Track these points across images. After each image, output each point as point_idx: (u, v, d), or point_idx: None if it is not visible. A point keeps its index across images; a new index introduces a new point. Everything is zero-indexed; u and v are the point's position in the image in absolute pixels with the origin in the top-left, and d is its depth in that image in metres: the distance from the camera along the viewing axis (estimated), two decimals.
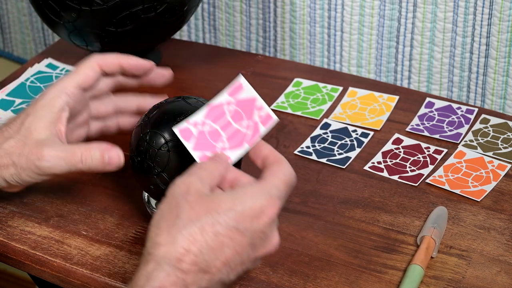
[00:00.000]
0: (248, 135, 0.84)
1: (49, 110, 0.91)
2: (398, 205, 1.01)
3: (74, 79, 0.93)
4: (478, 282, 0.91)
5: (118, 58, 0.96)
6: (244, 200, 0.75)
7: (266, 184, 0.77)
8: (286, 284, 0.91)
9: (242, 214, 0.74)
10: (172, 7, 1.17)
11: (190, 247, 0.72)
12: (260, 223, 0.75)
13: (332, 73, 1.28)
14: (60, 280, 0.95)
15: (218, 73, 1.27)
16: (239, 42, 1.47)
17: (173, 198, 0.75)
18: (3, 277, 1.95)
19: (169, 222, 0.73)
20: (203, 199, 0.75)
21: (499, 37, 1.25)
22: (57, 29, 1.20)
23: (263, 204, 0.75)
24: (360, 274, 0.92)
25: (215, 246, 0.73)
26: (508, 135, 1.11)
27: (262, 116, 0.85)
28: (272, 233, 0.77)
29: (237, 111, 0.85)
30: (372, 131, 1.13)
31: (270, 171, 0.79)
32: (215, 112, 0.84)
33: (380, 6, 1.33)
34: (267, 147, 0.82)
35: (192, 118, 0.84)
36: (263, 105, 0.86)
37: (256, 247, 0.76)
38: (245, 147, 0.84)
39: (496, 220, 0.99)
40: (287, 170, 0.79)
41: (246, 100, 0.85)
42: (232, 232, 0.74)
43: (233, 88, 0.86)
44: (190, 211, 0.74)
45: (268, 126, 0.85)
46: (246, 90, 0.86)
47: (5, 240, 0.98)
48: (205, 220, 0.73)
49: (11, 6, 1.67)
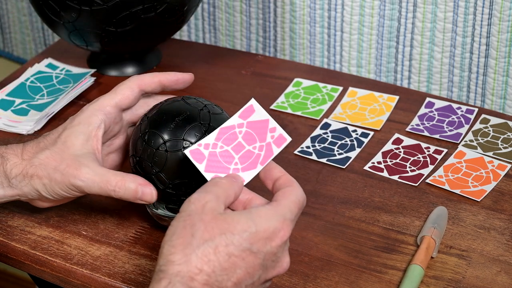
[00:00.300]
0: (261, 156, 0.84)
1: (86, 127, 0.92)
2: (398, 205, 1.01)
3: (113, 99, 0.94)
4: (478, 282, 0.91)
5: (157, 76, 0.96)
6: (258, 222, 0.75)
7: (280, 206, 0.77)
8: (286, 284, 0.91)
9: (256, 235, 0.74)
10: (172, 7, 1.17)
11: (203, 267, 0.73)
12: (273, 245, 0.76)
13: (332, 73, 1.28)
14: (60, 280, 0.95)
15: (218, 73, 1.27)
16: (239, 42, 1.47)
17: (188, 216, 0.75)
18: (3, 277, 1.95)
19: (184, 240, 0.73)
20: (218, 219, 0.75)
21: (499, 37, 1.25)
22: (57, 29, 1.20)
23: (277, 227, 0.75)
24: (360, 274, 0.92)
25: (228, 266, 0.74)
26: (508, 135, 1.11)
27: (275, 137, 0.85)
28: (283, 255, 0.78)
29: (249, 133, 0.85)
30: (372, 131, 1.13)
31: (282, 194, 0.79)
32: (226, 134, 0.84)
33: (380, 6, 1.33)
34: (279, 169, 0.83)
35: (203, 140, 0.84)
36: (276, 126, 0.85)
37: (267, 269, 0.76)
38: (258, 168, 0.84)
39: (496, 220, 0.99)
40: (299, 193, 0.79)
41: (258, 122, 0.85)
42: (245, 253, 0.74)
43: (244, 110, 0.85)
44: (205, 231, 0.74)
45: (281, 147, 0.85)
46: (258, 112, 0.86)
47: (5, 240, 0.98)
48: (219, 240, 0.73)
49: (11, 6, 1.67)
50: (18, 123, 1.15)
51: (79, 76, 1.23)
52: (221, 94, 1.22)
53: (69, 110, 1.19)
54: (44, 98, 1.20)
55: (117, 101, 0.94)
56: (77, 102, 1.21)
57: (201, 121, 0.91)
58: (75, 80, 1.23)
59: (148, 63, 1.28)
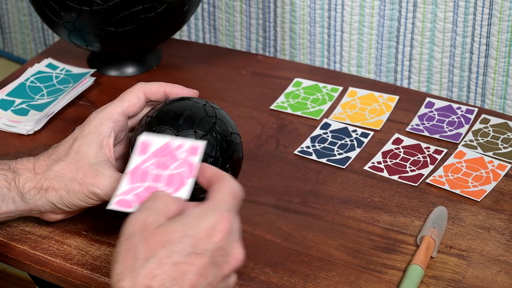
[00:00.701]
0: (185, 171, 0.82)
1: (97, 136, 0.92)
2: (398, 205, 1.01)
3: (120, 107, 0.94)
4: (478, 282, 0.91)
5: (163, 87, 0.96)
6: (194, 223, 0.74)
7: (213, 201, 0.76)
8: (286, 284, 0.91)
9: (196, 236, 0.73)
10: (172, 7, 1.17)
11: (151, 283, 0.72)
12: (216, 241, 0.74)
13: (332, 73, 1.28)
14: (60, 280, 0.95)
15: (218, 73, 1.27)
16: (239, 42, 1.47)
17: (129, 239, 0.74)
18: (3, 277, 1.95)
19: (127, 265, 0.73)
20: (156, 233, 0.74)
21: (499, 37, 1.25)
22: (57, 29, 1.20)
23: (214, 221, 0.74)
24: (360, 274, 0.92)
25: (176, 275, 0.73)
26: (508, 135, 1.11)
27: (188, 150, 0.83)
28: (233, 247, 0.76)
29: (159, 162, 0.82)
30: (372, 131, 1.13)
31: (214, 190, 0.78)
32: (137, 175, 0.82)
33: (380, 6, 1.33)
34: (209, 168, 0.81)
35: (118, 191, 0.81)
36: (181, 142, 0.83)
37: (219, 265, 0.75)
38: (189, 181, 0.81)
39: (496, 220, 0.99)
40: (231, 184, 0.78)
41: (160, 149, 0.83)
42: (191, 258, 0.73)
43: (140, 148, 0.83)
44: (146, 249, 0.73)
45: (198, 153, 0.82)
46: (155, 142, 0.83)
47: (5, 240, 0.98)
48: (161, 254, 0.73)
49: (11, 6, 1.67)
50: (18, 123, 1.15)
51: (79, 76, 1.23)
52: (221, 94, 1.22)
53: (69, 110, 1.19)
54: (44, 98, 1.20)
55: (124, 109, 0.94)
56: (77, 102, 1.21)
57: (208, 114, 0.92)
58: (75, 80, 1.23)
59: (148, 63, 1.28)
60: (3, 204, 0.91)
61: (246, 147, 1.10)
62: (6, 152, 1.10)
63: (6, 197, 0.91)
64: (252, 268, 0.93)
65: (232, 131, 0.94)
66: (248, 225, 0.99)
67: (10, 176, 0.91)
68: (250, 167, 1.07)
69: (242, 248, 0.76)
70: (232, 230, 0.75)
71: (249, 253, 0.95)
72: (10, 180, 0.91)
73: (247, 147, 1.10)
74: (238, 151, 0.94)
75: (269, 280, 0.92)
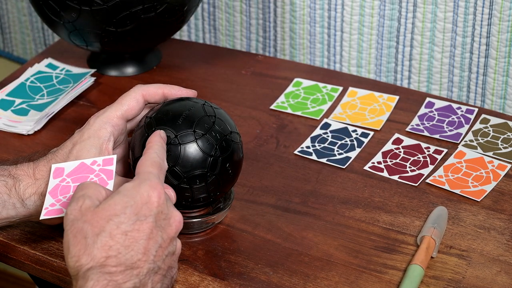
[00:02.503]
0: (104, 178, 0.88)
1: (96, 141, 0.92)
2: (398, 205, 1.01)
3: (119, 110, 0.94)
4: (478, 282, 0.91)
5: (162, 88, 0.96)
6: (131, 195, 0.79)
7: (140, 175, 0.82)
8: (286, 284, 0.91)
9: (136, 206, 0.79)
10: (172, 7, 1.17)
11: (108, 253, 0.77)
12: (154, 206, 0.80)
13: (332, 73, 1.28)
14: (60, 280, 0.95)
15: (218, 73, 1.27)
16: (239, 42, 1.47)
17: (72, 226, 0.79)
18: (3, 277, 1.95)
19: (80, 246, 0.78)
20: (98, 212, 0.79)
21: (499, 37, 1.25)
22: (57, 29, 1.20)
23: (147, 190, 0.80)
24: (360, 274, 0.92)
25: (129, 243, 0.78)
26: (508, 135, 1.11)
27: (102, 163, 0.89)
28: (171, 211, 0.82)
29: (77, 178, 0.88)
30: (372, 131, 1.13)
31: (138, 164, 0.83)
32: (59, 191, 0.88)
33: (380, 6, 1.33)
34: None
35: (45, 204, 0.87)
36: (94, 159, 0.89)
37: (164, 228, 0.80)
38: (110, 183, 0.87)
39: (496, 220, 0.99)
40: (149, 156, 0.84)
41: (75, 169, 0.89)
42: (137, 225, 0.78)
43: (53, 174, 0.89)
44: (93, 227, 0.78)
45: (114, 163, 0.88)
46: (68, 166, 0.89)
47: (5, 240, 0.98)
48: (110, 227, 0.78)
49: (11, 6, 1.67)
50: (18, 123, 1.15)
51: (79, 76, 1.23)
52: (221, 94, 1.22)
53: (69, 110, 1.19)
54: (44, 98, 1.20)
55: (123, 112, 0.94)
56: (77, 102, 1.21)
57: (207, 114, 0.92)
58: (75, 80, 1.23)
59: (148, 63, 1.29)
60: (3, 210, 0.91)
61: (246, 147, 1.10)
62: (6, 153, 1.10)
63: (6, 203, 0.91)
64: (252, 268, 0.93)
65: (232, 130, 0.94)
66: (248, 225, 0.99)
67: (11, 182, 0.92)
68: (250, 167, 1.07)
69: (179, 212, 0.82)
70: (165, 195, 0.81)
71: (249, 253, 0.95)
72: (11, 186, 0.91)
73: (247, 147, 1.10)
74: (238, 150, 0.94)
75: (269, 280, 0.92)
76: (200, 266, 0.93)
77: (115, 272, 0.76)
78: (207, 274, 0.92)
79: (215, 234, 0.97)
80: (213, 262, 0.94)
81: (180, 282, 0.92)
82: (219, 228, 0.98)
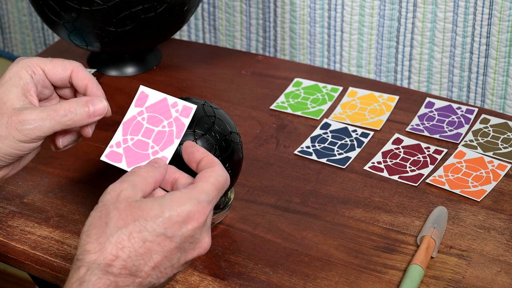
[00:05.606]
0: (174, 131, 0.85)
1: (17, 81, 0.88)
2: (398, 205, 1.01)
3: (43, 62, 0.90)
4: (478, 282, 0.91)
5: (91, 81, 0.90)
6: (171, 207, 0.75)
7: (195, 189, 0.77)
8: (286, 284, 0.91)
9: (170, 220, 0.75)
10: (172, 7, 1.17)
11: (118, 253, 0.74)
12: (188, 228, 0.76)
13: (332, 73, 1.28)
14: (60, 280, 0.95)
15: (218, 73, 1.27)
16: (239, 42, 1.47)
17: (104, 206, 0.76)
18: (3, 277, 1.95)
19: (98, 230, 0.75)
20: (132, 206, 0.76)
21: (499, 37, 1.25)
22: (57, 29, 1.20)
23: (191, 210, 0.76)
24: (360, 274, 0.92)
25: (143, 252, 0.75)
26: (508, 135, 1.11)
27: (180, 110, 0.86)
28: (202, 237, 0.78)
29: (152, 116, 0.86)
30: (372, 131, 1.13)
31: (201, 176, 0.79)
32: (130, 126, 0.86)
33: (380, 6, 1.33)
34: (202, 150, 0.82)
35: (112, 141, 0.85)
36: (176, 100, 0.86)
37: (185, 251, 0.77)
38: (176, 142, 0.85)
39: (496, 220, 0.99)
40: (218, 173, 0.79)
41: (156, 104, 0.86)
42: (160, 238, 0.75)
43: (138, 98, 0.87)
44: (119, 218, 0.75)
45: (190, 116, 0.86)
46: (152, 96, 0.87)
47: (5, 240, 0.98)
48: (133, 227, 0.75)
49: (11, 6, 1.67)
50: None
51: None
52: (221, 94, 1.22)
53: None
54: None
55: (46, 69, 0.90)
56: None
57: (207, 114, 0.92)
58: None
59: (148, 63, 1.29)
60: None
61: (246, 147, 1.10)
62: None
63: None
64: (252, 268, 0.93)
65: (231, 131, 0.94)
66: (248, 225, 0.99)
67: None
68: (250, 167, 1.07)
69: (210, 238, 0.79)
70: (206, 221, 0.77)
71: (249, 253, 0.95)
72: None
73: (247, 147, 1.10)
74: (238, 151, 0.94)
75: (269, 280, 0.92)
76: (200, 266, 0.94)
77: (118, 274, 0.74)
78: (207, 274, 0.92)
79: (215, 234, 0.97)
80: (213, 262, 0.94)
81: (180, 282, 0.92)
82: (219, 228, 0.98)
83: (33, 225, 0.99)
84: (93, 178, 1.06)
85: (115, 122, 1.15)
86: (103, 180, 1.06)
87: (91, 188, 1.05)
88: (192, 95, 1.21)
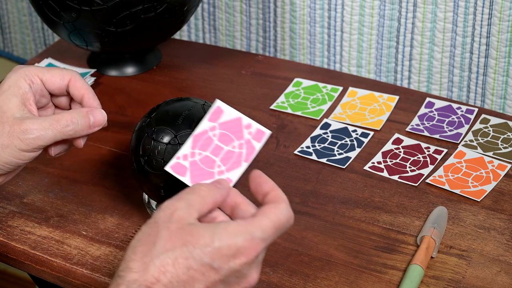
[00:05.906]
0: (243, 154, 0.82)
1: (17, 90, 0.88)
2: (398, 205, 1.01)
3: (41, 72, 0.90)
4: (478, 282, 0.91)
5: (89, 93, 0.91)
6: (222, 237, 0.72)
7: (252, 223, 0.74)
8: (286, 284, 0.91)
9: (219, 251, 0.72)
10: (172, 7, 1.17)
11: (160, 277, 0.71)
12: (236, 263, 0.72)
13: (332, 73, 1.28)
14: (60, 280, 0.95)
15: (218, 73, 1.27)
16: (239, 42, 1.47)
17: (155, 223, 0.73)
18: (3, 277, 1.95)
19: (144, 248, 0.72)
20: (184, 230, 0.73)
21: (499, 37, 1.25)
22: (57, 29, 1.20)
23: (242, 245, 0.72)
24: (360, 274, 0.92)
25: (186, 279, 0.72)
26: (508, 135, 1.11)
27: (253, 133, 0.82)
28: (250, 273, 0.74)
29: (224, 134, 0.82)
30: (372, 131, 1.13)
31: (263, 210, 0.75)
32: (200, 140, 0.82)
33: (380, 6, 1.33)
34: (270, 183, 0.79)
35: (179, 152, 0.82)
36: (251, 122, 0.83)
37: (229, 284, 0.74)
38: (243, 165, 0.82)
39: (496, 220, 0.99)
40: (282, 212, 0.75)
41: (230, 122, 0.83)
42: (205, 268, 0.72)
43: (213, 113, 0.83)
44: (168, 240, 0.72)
45: (262, 141, 0.83)
46: (227, 112, 0.83)
47: (5, 240, 0.98)
48: (180, 252, 0.71)
49: (11, 6, 1.67)
50: None
51: None
52: (221, 94, 1.22)
53: None
54: None
55: (44, 78, 0.90)
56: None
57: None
58: None
59: (148, 63, 1.29)
60: None
61: None
62: None
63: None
64: None
65: None
66: None
67: None
68: (250, 167, 1.07)
69: (259, 273, 0.75)
70: (257, 258, 0.74)
71: None
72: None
73: None
74: None
75: (269, 280, 0.92)
76: None
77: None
78: None
79: None
80: None
81: None
82: None
83: (33, 225, 0.99)
84: (93, 178, 1.06)
85: (115, 122, 1.15)
86: (103, 180, 1.06)
87: (91, 188, 1.05)
88: (192, 95, 1.21)
